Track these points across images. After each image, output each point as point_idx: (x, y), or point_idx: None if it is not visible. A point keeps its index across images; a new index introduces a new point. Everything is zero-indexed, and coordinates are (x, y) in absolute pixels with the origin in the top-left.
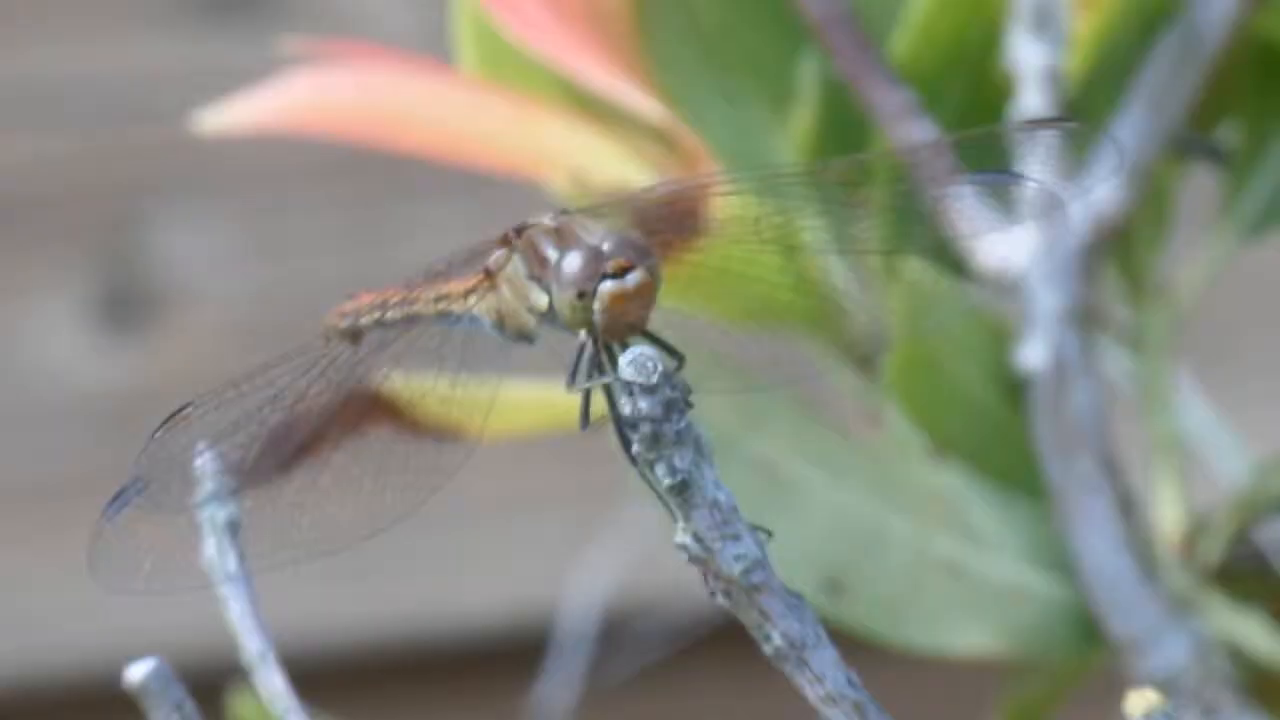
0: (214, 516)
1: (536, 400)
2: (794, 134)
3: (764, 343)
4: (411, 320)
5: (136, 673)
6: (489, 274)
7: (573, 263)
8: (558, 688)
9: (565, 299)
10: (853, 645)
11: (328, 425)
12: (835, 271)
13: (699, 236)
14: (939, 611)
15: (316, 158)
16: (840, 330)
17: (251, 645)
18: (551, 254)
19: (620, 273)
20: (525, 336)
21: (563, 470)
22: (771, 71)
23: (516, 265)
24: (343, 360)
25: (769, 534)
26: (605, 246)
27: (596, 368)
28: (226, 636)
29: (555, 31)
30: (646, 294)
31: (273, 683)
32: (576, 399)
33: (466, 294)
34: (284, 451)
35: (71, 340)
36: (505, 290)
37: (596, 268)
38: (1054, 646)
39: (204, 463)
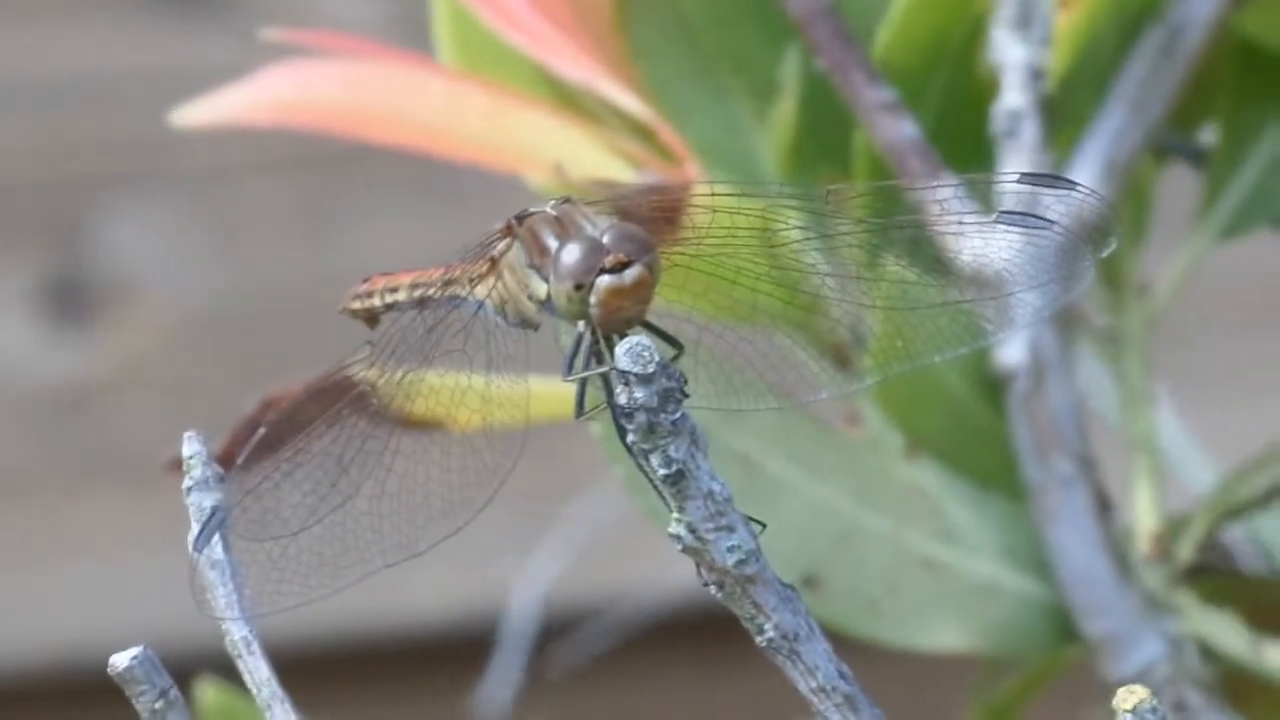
0: (200, 503)
1: (512, 395)
2: (775, 129)
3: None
4: (422, 303)
5: (121, 660)
6: (493, 261)
7: (571, 254)
8: (500, 684)
9: (562, 290)
10: (836, 640)
11: (309, 410)
12: (816, 270)
13: (678, 237)
14: (914, 609)
15: (268, 153)
16: (820, 328)
17: (237, 632)
18: (551, 243)
19: (618, 268)
20: (528, 323)
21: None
22: (754, 67)
23: (517, 253)
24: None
25: (763, 525)
26: (605, 240)
27: (594, 357)
28: (193, 629)
29: (535, 25)
30: (643, 289)
31: (259, 670)
32: (551, 392)
33: (472, 280)
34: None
35: (19, 332)
36: (507, 277)
37: (594, 261)
38: (1028, 644)
39: (191, 449)
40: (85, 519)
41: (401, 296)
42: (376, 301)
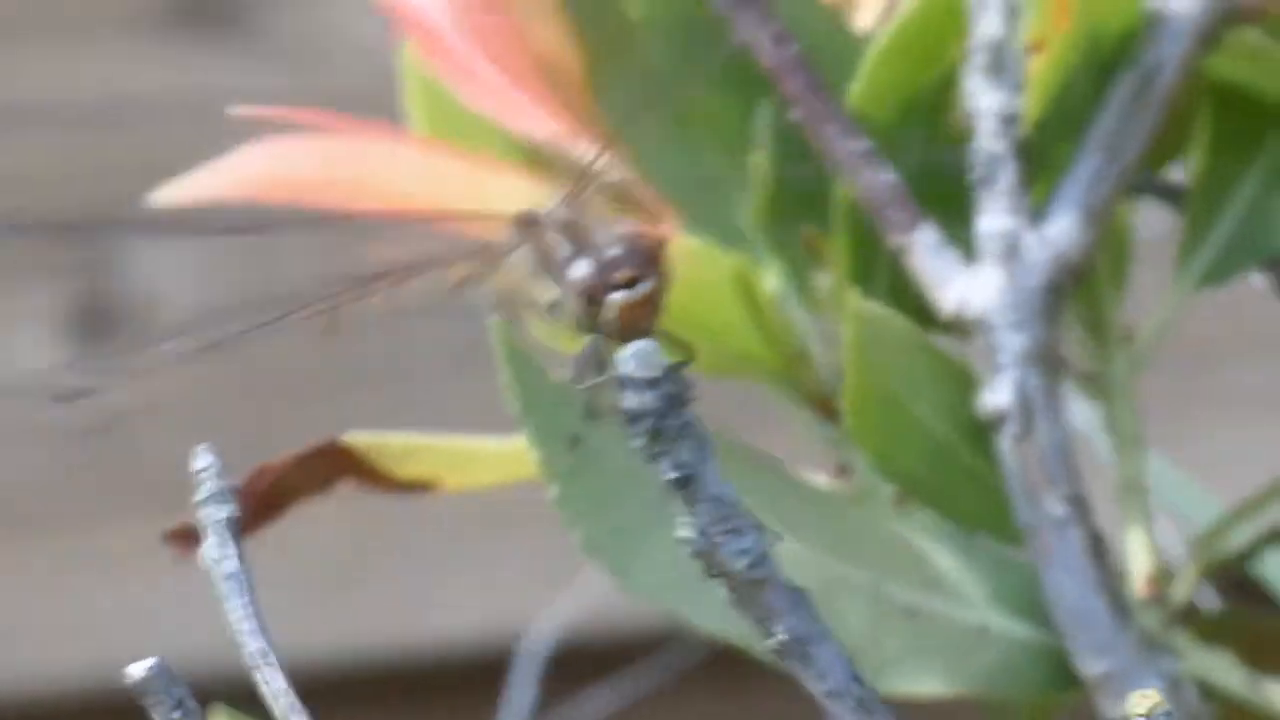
0: (214, 515)
1: (505, 453)
2: (752, 183)
3: None
4: (424, 295)
5: (137, 670)
6: (494, 255)
7: (582, 268)
8: (519, 711)
9: (572, 302)
10: None
11: (298, 479)
12: (795, 319)
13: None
14: (897, 657)
15: None
16: (802, 378)
17: (253, 644)
18: (561, 251)
19: (630, 283)
20: (519, 319)
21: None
22: (727, 121)
23: (525, 255)
24: None
25: (779, 536)
26: (616, 253)
27: (600, 365)
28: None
29: (503, 90)
30: (656, 302)
31: (275, 681)
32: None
33: (470, 274)
34: (251, 507)
35: (44, 355)
36: (510, 276)
37: (606, 276)
38: (1021, 687)
39: (203, 462)
40: (111, 541)
41: (396, 279)
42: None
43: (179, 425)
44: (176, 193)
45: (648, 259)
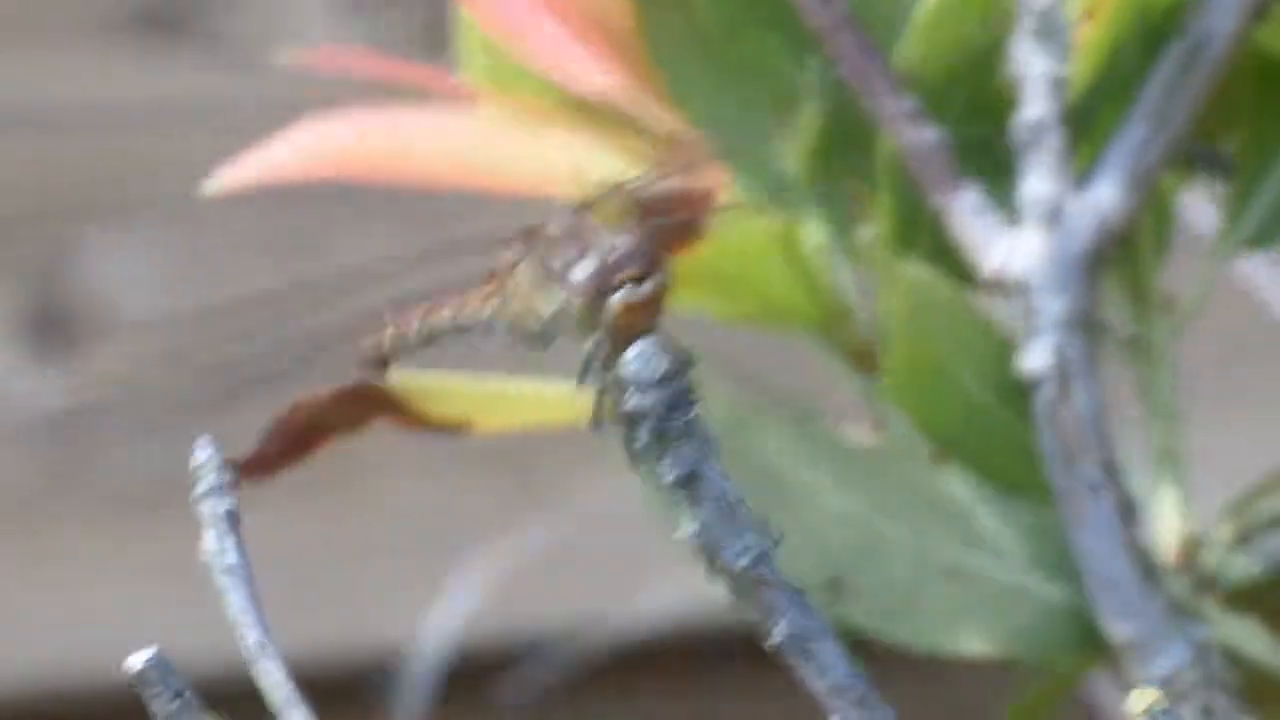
0: (214, 508)
1: (540, 396)
2: (798, 138)
3: None
4: (431, 337)
5: (136, 661)
6: (499, 276)
7: (584, 270)
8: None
9: (576, 305)
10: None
11: (334, 416)
12: (837, 273)
13: (695, 236)
14: (939, 615)
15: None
16: (843, 332)
17: (251, 636)
18: (564, 258)
19: (633, 281)
20: (535, 338)
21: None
22: (775, 76)
23: (528, 268)
24: None
25: (780, 535)
26: (618, 254)
27: (605, 368)
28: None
29: (555, 38)
30: (658, 301)
31: (274, 673)
32: (572, 399)
33: (481, 302)
34: (285, 444)
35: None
36: (516, 292)
37: (609, 276)
38: (1055, 649)
39: (204, 455)
40: (63, 543)
41: (413, 336)
42: (391, 348)
43: (142, 424)
44: (230, 179)
45: (650, 259)
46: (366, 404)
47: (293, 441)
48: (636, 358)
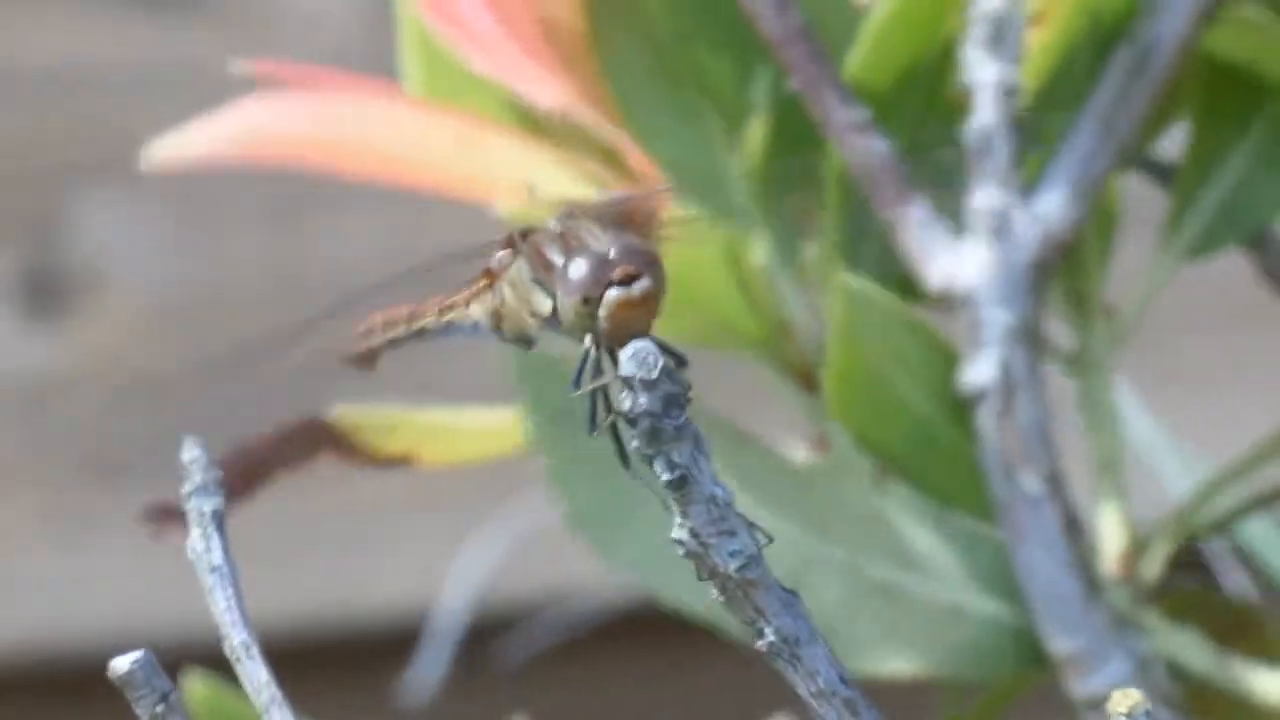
0: (200, 508)
1: (486, 427)
2: (745, 151)
3: None
4: (420, 334)
5: (122, 663)
6: (490, 275)
7: (579, 269)
8: (426, 679)
9: (570, 304)
10: None
11: (278, 455)
12: (782, 291)
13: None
14: (872, 636)
15: None
16: (787, 351)
17: (236, 637)
18: (557, 259)
19: (626, 280)
20: (524, 339)
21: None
22: (724, 88)
23: (521, 268)
24: None
25: (769, 539)
26: (612, 253)
27: (599, 371)
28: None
29: (503, 49)
30: (652, 302)
31: (258, 674)
32: (516, 427)
33: (469, 301)
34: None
35: None
36: (507, 292)
37: (603, 275)
38: (992, 666)
39: (190, 454)
40: (55, 508)
41: (400, 332)
42: (375, 342)
43: (116, 394)
44: (170, 150)
45: (645, 259)
46: (312, 440)
47: (238, 479)
48: (632, 358)
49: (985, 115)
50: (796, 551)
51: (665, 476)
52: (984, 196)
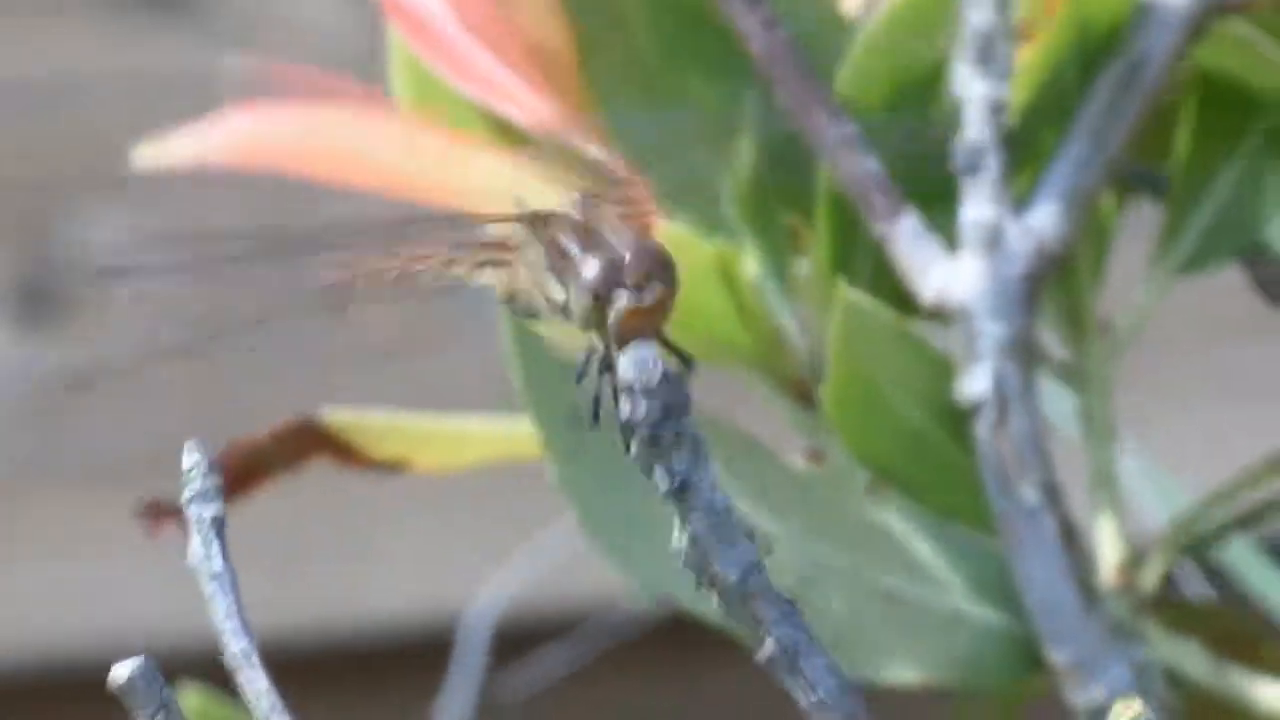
0: (200, 514)
1: (480, 434)
2: (735, 170)
3: None
4: (406, 284)
5: (122, 671)
6: (507, 249)
7: (592, 268)
8: (462, 693)
9: (581, 301)
10: None
11: (272, 456)
12: (774, 306)
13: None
14: (877, 644)
15: None
16: (780, 365)
17: (235, 645)
18: (573, 251)
19: (639, 285)
20: (533, 315)
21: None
22: (713, 107)
23: (538, 252)
24: None
25: (770, 549)
26: (627, 255)
27: (605, 369)
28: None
29: (490, 71)
30: (663, 308)
31: (258, 682)
32: (519, 432)
33: (475, 265)
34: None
35: None
36: (522, 271)
37: (615, 277)
38: (993, 675)
39: (191, 460)
40: (47, 515)
41: (384, 281)
42: (358, 283)
43: (116, 399)
44: (157, 156)
45: (659, 263)
46: (305, 442)
47: (231, 481)
48: (633, 363)
49: (975, 130)
50: (802, 558)
51: (664, 485)
52: (975, 210)
